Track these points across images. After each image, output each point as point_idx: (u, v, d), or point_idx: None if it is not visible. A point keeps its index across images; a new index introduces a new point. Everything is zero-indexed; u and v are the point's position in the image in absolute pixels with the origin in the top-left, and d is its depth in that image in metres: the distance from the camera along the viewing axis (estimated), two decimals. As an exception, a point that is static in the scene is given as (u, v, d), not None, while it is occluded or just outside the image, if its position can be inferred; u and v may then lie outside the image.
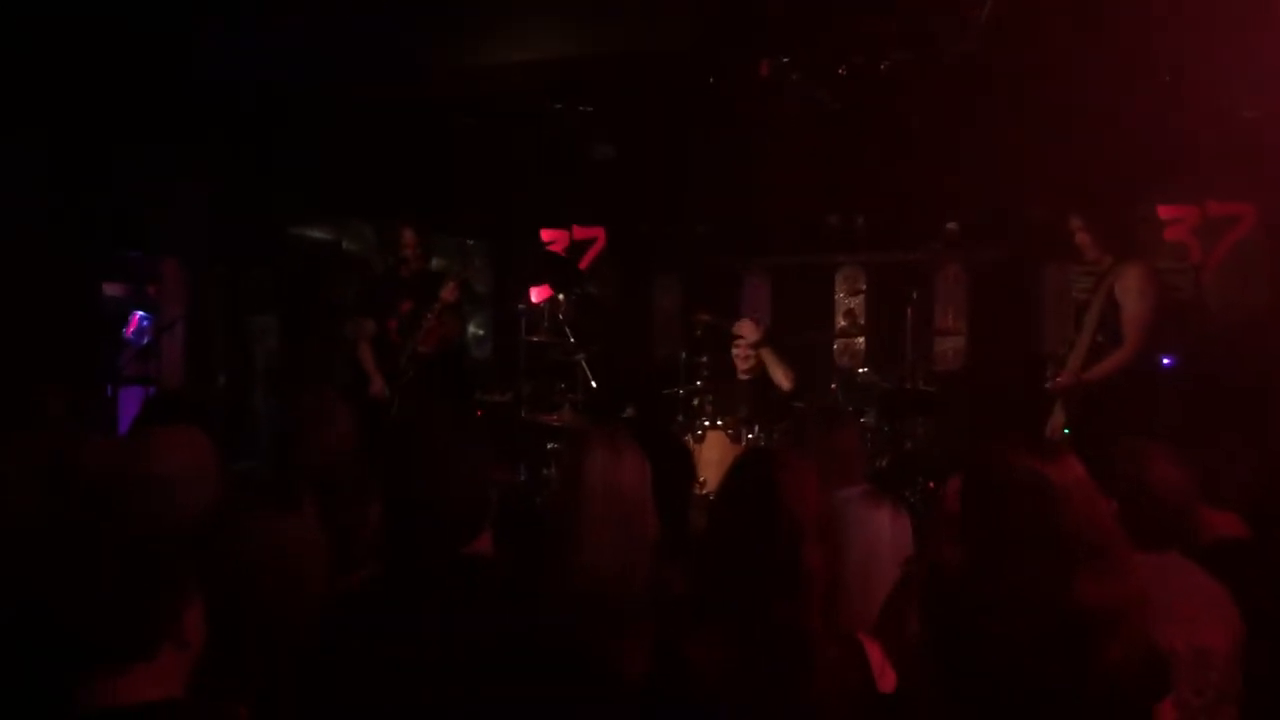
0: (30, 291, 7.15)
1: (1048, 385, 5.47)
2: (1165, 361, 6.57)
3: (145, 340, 9.00)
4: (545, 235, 9.78)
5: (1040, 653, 2.00)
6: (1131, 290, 5.28)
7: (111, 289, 9.39)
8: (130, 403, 7.46)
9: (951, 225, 7.67)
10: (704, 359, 6.87)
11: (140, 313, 9.90)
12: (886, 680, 2.18)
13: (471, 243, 9.83)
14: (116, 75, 6.45)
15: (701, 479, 5.76)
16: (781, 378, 6.59)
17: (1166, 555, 2.58)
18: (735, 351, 6.78)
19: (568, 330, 7.51)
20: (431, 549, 2.42)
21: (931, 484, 6.38)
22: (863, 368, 7.50)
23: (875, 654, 2.15)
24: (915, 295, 7.11)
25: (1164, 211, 7.63)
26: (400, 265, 6.76)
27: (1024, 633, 2.00)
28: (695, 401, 6.71)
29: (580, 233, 9.75)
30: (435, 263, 9.18)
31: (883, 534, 2.67)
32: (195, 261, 7.83)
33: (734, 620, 2.11)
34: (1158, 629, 2.20)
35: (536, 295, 9.16)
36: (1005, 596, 2.03)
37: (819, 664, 2.07)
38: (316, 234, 8.96)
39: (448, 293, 6.51)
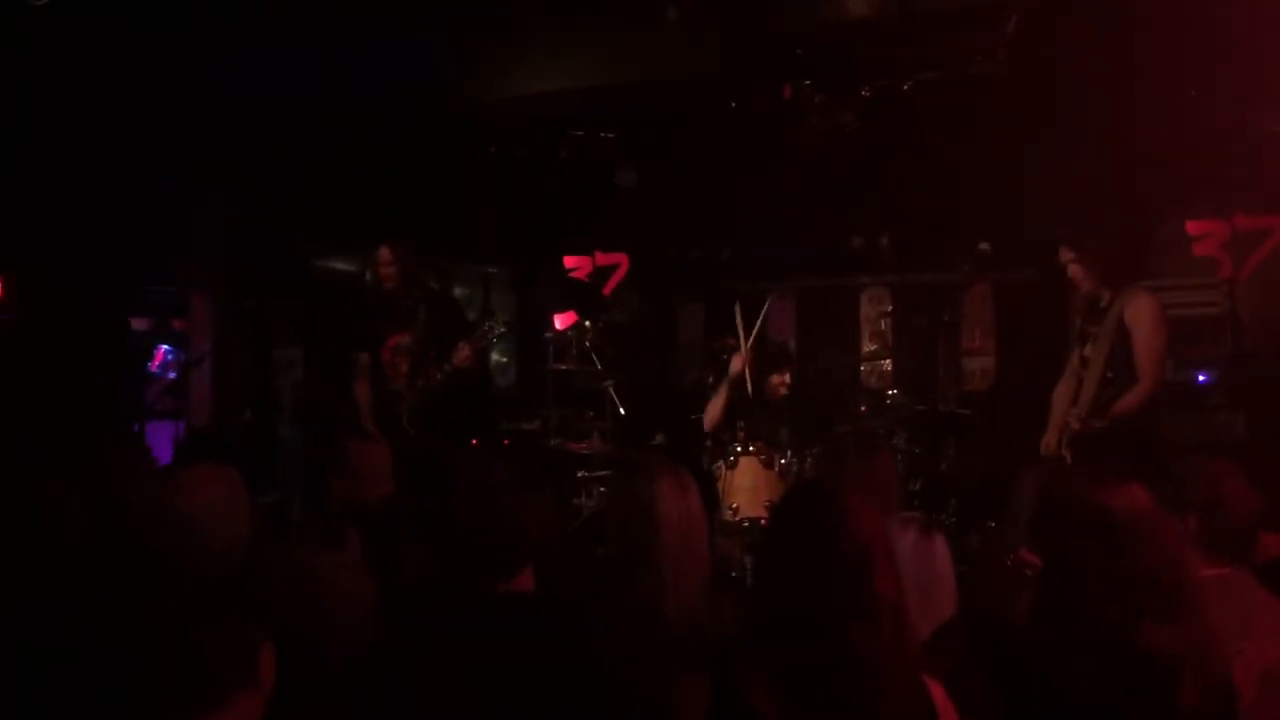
0: (59, 326, 7.21)
1: (1071, 425, 5.03)
2: (1200, 378, 6.50)
3: (171, 375, 9.03)
4: (568, 262, 9.78)
5: (1113, 697, 1.94)
6: (1144, 319, 4.93)
7: (138, 323, 9.44)
8: (159, 438, 7.48)
9: (984, 246, 7.60)
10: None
11: (165, 346, 9.94)
12: (949, 722, 2.12)
13: (494, 270, 9.84)
14: (140, 100, 6.48)
15: (734, 505, 5.73)
16: None
17: (1240, 571, 2.56)
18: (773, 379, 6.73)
19: (594, 357, 7.46)
20: (469, 586, 2.39)
21: (965, 506, 6.33)
22: (892, 390, 7.43)
23: (939, 694, 2.10)
24: (946, 317, 7.03)
25: (1193, 227, 7.55)
26: (387, 291, 6.13)
27: (1095, 676, 1.95)
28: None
29: (603, 259, 9.74)
30: (459, 292, 9.22)
31: (904, 558, 2.59)
32: (220, 293, 7.84)
33: (802, 652, 2.03)
34: (1248, 645, 2.16)
35: (561, 322, 9.14)
36: (1074, 638, 1.98)
37: (888, 692, 2.00)
38: (340, 265, 8.98)
39: (460, 358, 5.87)
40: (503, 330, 6.02)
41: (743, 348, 6.31)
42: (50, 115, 6.40)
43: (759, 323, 6.37)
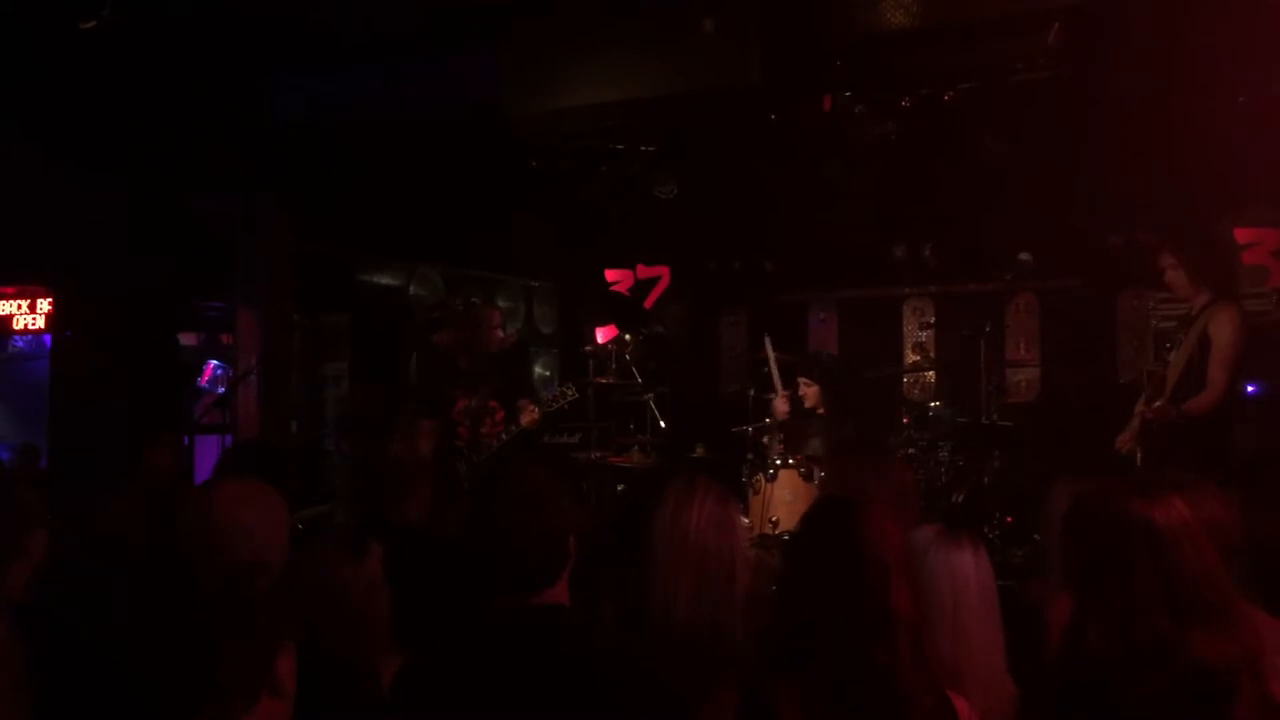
0: (111, 342, 7.34)
1: (1142, 413, 5.19)
2: (1249, 389, 6.40)
3: (220, 389, 9.15)
4: (609, 275, 9.81)
5: (1169, 710, 1.91)
6: (1225, 332, 5.08)
7: (187, 339, 9.59)
8: (207, 452, 7.58)
9: (1024, 256, 7.52)
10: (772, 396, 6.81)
11: (215, 362, 10.10)
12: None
13: (536, 284, 9.89)
14: (197, 117, 6.57)
15: (774, 518, 5.72)
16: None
17: None
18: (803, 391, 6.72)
19: (634, 370, 7.47)
20: (501, 598, 2.39)
21: (1010, 518, 6.26)
22: (934, 401, 7.37)
23: (963, 709, 2.08)
24: (989, 328, 6.95)
25: (1242, 235, 7.45)
26: (457, 358, 6.20)
27: (1144, 693, 1.92)
28: (765, 439, 6.64)
29: (644, 272, 9.76)
30: (502, 304, 9.26)
31: (969, 574, 2.56)
32: (268, 308, 7.91)
33: (826, 667, 2.05)
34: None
35: (602, 336, 9.16)
36: (1122, 654, 1.95)
37: (915, 708, 2.00)
38: (385, 280, 9.05)
39: (527, 420, 5.92)
40: (574, 396, 6.03)
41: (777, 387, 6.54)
42: (106, 133, 6.52)
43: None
